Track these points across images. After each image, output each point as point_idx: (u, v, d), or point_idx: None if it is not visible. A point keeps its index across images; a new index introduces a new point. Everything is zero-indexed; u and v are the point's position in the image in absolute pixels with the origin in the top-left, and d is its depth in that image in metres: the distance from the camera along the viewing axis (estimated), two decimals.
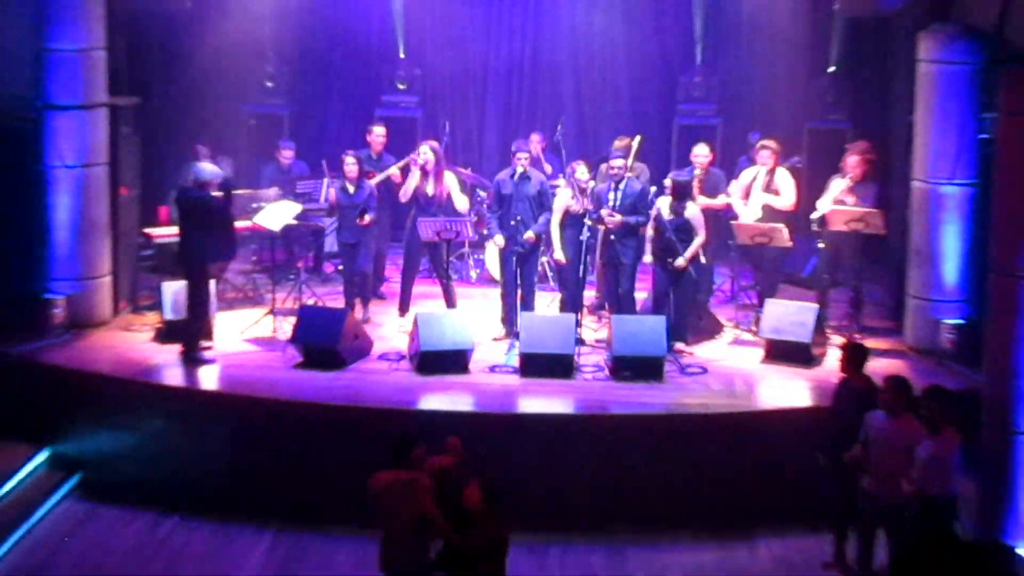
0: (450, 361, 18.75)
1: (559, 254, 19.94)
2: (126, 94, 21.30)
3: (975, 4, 16.82)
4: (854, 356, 16.09)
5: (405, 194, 20.56)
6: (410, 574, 13.08)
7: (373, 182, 20.88)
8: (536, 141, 22.08)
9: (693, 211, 19.38)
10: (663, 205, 19.28)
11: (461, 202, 20.71)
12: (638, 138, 20.86)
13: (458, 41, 25.01)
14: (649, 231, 19.41)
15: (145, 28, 21.78)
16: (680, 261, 19.07)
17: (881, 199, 20.15)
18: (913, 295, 19.80)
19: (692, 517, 17.16)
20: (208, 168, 19.26)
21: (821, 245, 20.38)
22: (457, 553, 12.89)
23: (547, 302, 20.71)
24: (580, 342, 19.34)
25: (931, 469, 14.56)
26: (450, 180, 20.72)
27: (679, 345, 19.34)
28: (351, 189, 20.57)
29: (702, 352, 19.62)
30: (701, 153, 21.07)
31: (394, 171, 21.12)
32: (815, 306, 19.57)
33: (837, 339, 19.35)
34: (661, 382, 18.50)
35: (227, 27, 23.35)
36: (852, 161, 20.11)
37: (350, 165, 20.59)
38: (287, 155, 22.84)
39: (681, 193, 19.33)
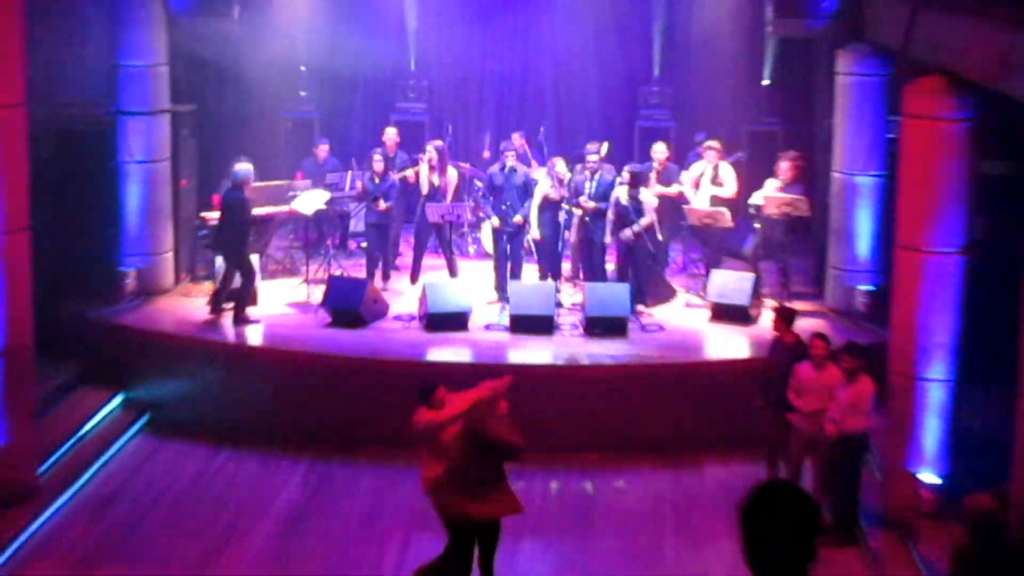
0: (453, 321, 18.82)
1: (535, 232, 20.02)
2: (185, 102, 21.36)
3: (884, 27, 16.81)
4: (785, 316, 16.20)
5: (423, 186, 20.74)
6: (444, 504, 13.11)
7: (397, 176, 20.96)
8: (517, 138, 22.09)
9: (646, 196, 19.48)
10: (621, 193, 19.33)
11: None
12: (606, 144, 20.86)
13: (459, 59, 24.95)
14: (610, 215, 19.47)
15: (200, 47, 21.77)
16: (627, 232, 19.17)
17: (806, 196, 20.19)
18: (833, 266, 19.84)
19: (651, 449, 17.21)
20: (243, 169, 19.40)
21: (757, 226, 20.38)
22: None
23: (532, 272, 20.71)
24: (559, 305, 19.39)
25: (849, 410, 14.65)
26: (451, 175, 20.87)
27: (640, 307, 19.37)
28: (376, 180, 20.65)
29: (659, 313, 19.64)
30: (659, 151, 21.12)
31: (409, 173, 21.12)
32: (752, 275, 19.65)
33: (770, 302, 19.39)
34: (626, 338, 18.56)
35: (268, 46, 23.29)
36: (784, 166, 20.10)
37: (377, 161, 20.73)
38: (323, 150, 22.80)
39: (636, 182, 19.41)
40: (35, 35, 16.43)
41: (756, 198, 20.18)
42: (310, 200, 20.75)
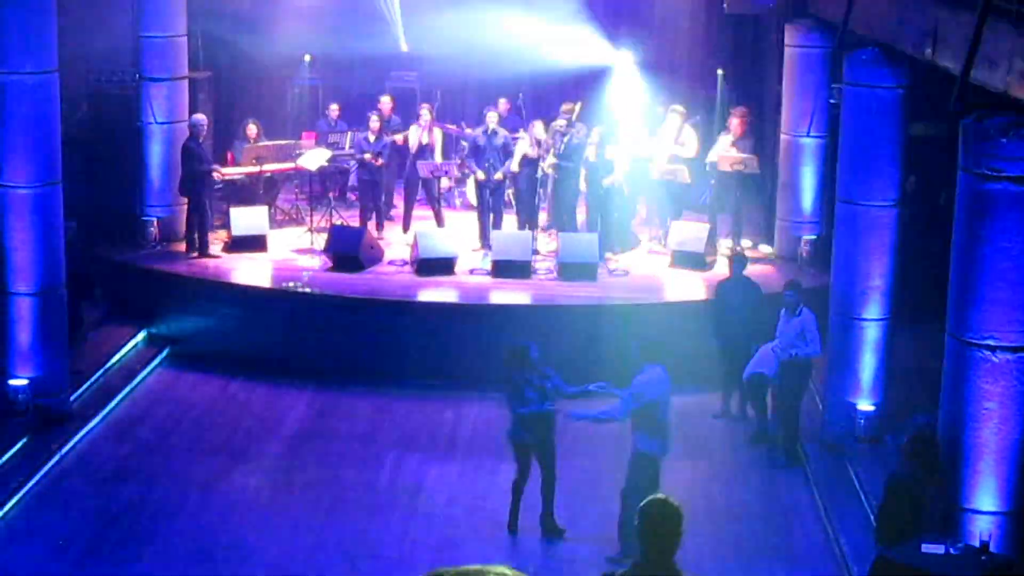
0: (441, 266, 18.73)
1: (515, 168, 19.96)
2: (201, 69, 21.33)
3: (827, 4, 16.72)
4: (738, 261, 16.16)
5: (413, 147, 20.62)
6: None
7: (388, 139, 20.85)
8: (503, 103, 22.00)
9: (612, 153, 19.47)
10: (590, 152, 19.28)
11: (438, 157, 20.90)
12: (579, 104, 20.76)
13: (446, 32, 24.71)
14: (582, 171, 19.42)
15: (216, 21, 21.71)
16: (607, 180, 19.23)
17: (756, 149, 20.08)
18: (780, 218, 19.78)
19: (616, 379, 17.10)
20: (195, 119, 19.49)
21: (712, 182, 20.29)
22: None
23: (512, 222, 20.60)
24: (536, 252, 19.31)
25: (797, 339, 14.67)
26: (437, 135, 20.85)
27: (608, 254, 19.29)
28: (371, 139, 20.50)
29: (625, 260, 19.52)
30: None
31: (399, 138, 21.00)
32: (708, 226, 19.56)
33: (724, 250, 19.42)
34: (595, 281, 18.47)
35: (277, 21, 23.18)
36: (735, 123, 20.00)
37: (373, 121, 20.63)
38: (334, 110, 22.57)
39: (603, 142, 19.35)
40: (69, 9, 16.32)
41: (712, 156, 20.07)
42: (314, 157, 20.66)
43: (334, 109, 22.50)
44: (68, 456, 15.18)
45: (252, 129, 21.31)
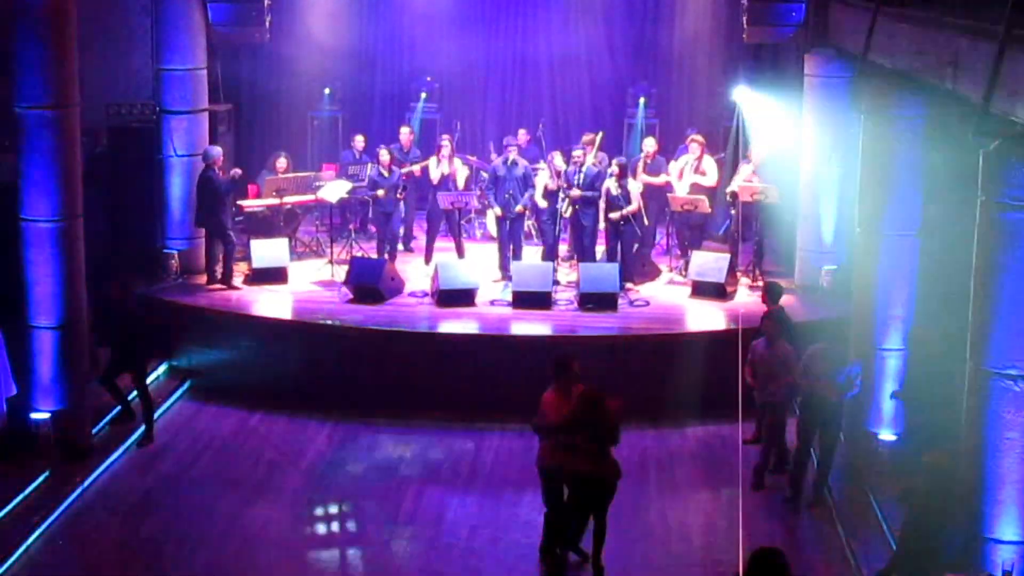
0: (462, 297, 18.78)
1: (541, 202, 20.03)
2: (221, 102, 21.43)
3: (846, 33, 16.77)
4: (771, 292, 16.09)
5: (435, 179, 20.88)
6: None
7: (404, 170, 20.95)
8: (522, 134, 22.07)
9: (633, 186, 19.48)
10: (611, 184, 19.29)
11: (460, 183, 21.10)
12: (600, 134, 20.82)
13: (467, 63, 24.81)
14: (601, 203, 19.45)
15: (236, 53, 21.82)
16: (614, 215, 19.17)
17: (777, 175, 20.07)
18: (801, 248, 19.79)
19: (637, 411, 17.08)
20: (211, 149, 19.53)
21: (732, 212, 20.33)
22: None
23: (532, 253, 20.65)
24: (556, 283, 19.33)
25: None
26: (457, 166, 21.08)
27: (628, 284, 19.32)
28: (385, 173, 20.58)
29: (645, 290, 19.56)
30: (648, 144, 21.13)
31: (416, 168, 21.10)
32: (728, 255, 19.57)
33: (744, 280, 19.46)
34: (615, 312, 18.50)
35: (297, 52, 23.26)
36: (755, 150, 20.09)
37: (383, 155, 20.68)
38: (359, 142, 22.61)
39: (624, 173, 19.38)
40: (89, 43, 16.43)
41: (733, 185, 20.11)
42: (334, 189, 20.70)
43: (359, 141, 22.53)
44: (90, 490, 15.21)
45: (282, 162, 21.38)
